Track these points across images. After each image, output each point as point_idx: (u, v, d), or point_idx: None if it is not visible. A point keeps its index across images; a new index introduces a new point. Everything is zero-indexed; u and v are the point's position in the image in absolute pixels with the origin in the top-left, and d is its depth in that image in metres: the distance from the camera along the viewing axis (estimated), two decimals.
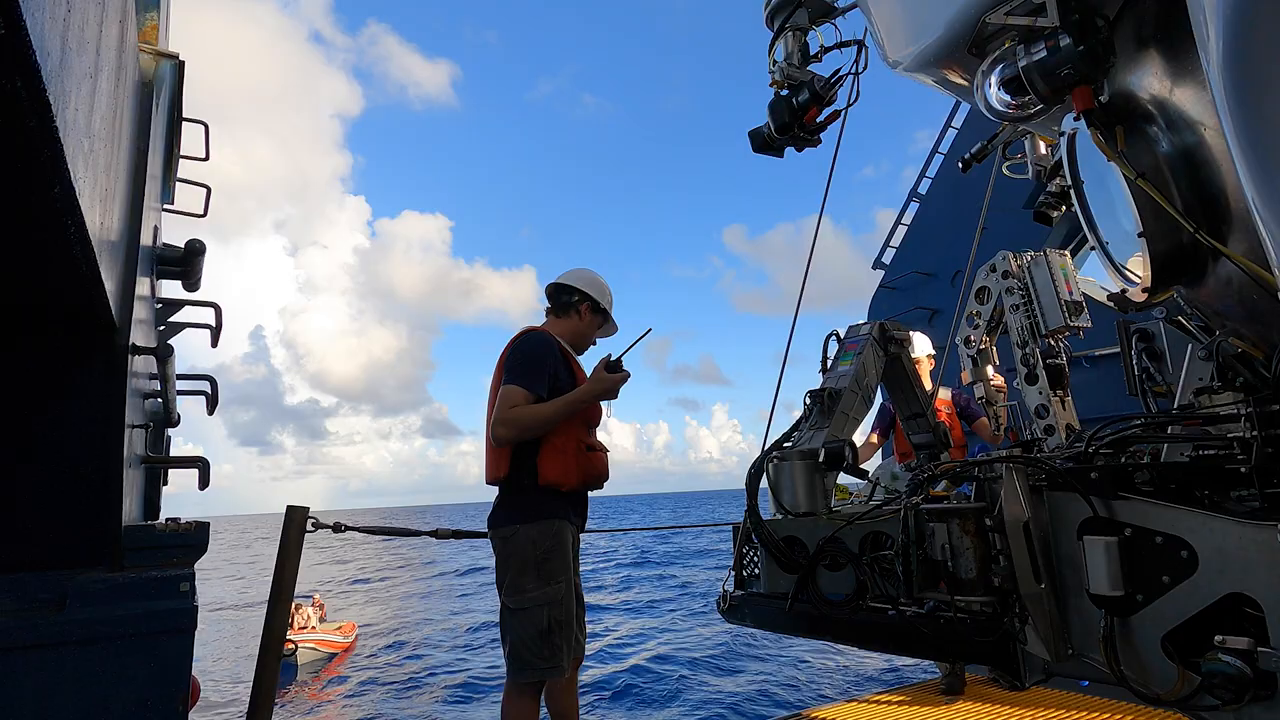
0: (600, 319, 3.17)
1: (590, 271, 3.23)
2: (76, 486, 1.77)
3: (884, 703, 4.16)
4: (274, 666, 2.68)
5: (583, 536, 3.07)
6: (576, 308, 3.09)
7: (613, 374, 2.84)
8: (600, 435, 3.13)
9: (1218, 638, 1.25)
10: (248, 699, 2.63)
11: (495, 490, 2.87)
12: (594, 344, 3.23)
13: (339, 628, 15.87)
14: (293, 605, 2.76)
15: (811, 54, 3.09)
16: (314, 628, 15.19)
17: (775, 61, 3.09)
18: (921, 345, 4.52)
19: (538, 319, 3.19)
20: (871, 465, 4.72)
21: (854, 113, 3.06)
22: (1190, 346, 2.11)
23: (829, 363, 2.91)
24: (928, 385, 4.20)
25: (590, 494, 3.05)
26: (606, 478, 2.99)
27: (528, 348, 2.86)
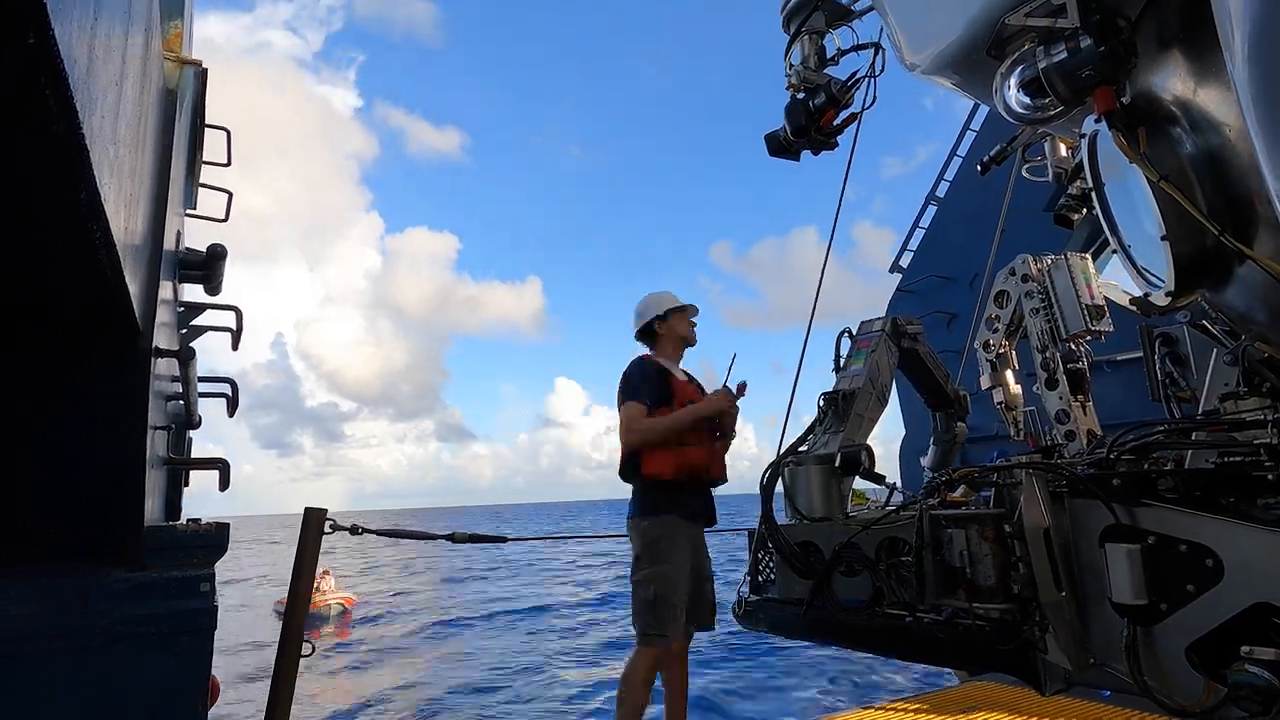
0: (676, 317, 3.65)
1: (646, 299, 3.75)
2: (100, 487, 1.79)
3: (899, 710, 4.12)
4: (293, 662, 2.69)
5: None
6: (656, 333, 3.65)
7: (719, 398, 3.39)
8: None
9: (1244, 648, 1.23)
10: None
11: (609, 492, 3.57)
12: (694, 325, 3.72)
13: (344, 597, 19.49)
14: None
15: (829, 57, 3.08)
16: (331, 589, 19.03)
17: (792, 65, 3.09)
18: None
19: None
20: None
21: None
22: (1215, 351, 2.08)
23: (841, 361, 2.89)
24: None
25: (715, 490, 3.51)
26: (705, 471, 3.32)
27: (629, 372, 3.55)
